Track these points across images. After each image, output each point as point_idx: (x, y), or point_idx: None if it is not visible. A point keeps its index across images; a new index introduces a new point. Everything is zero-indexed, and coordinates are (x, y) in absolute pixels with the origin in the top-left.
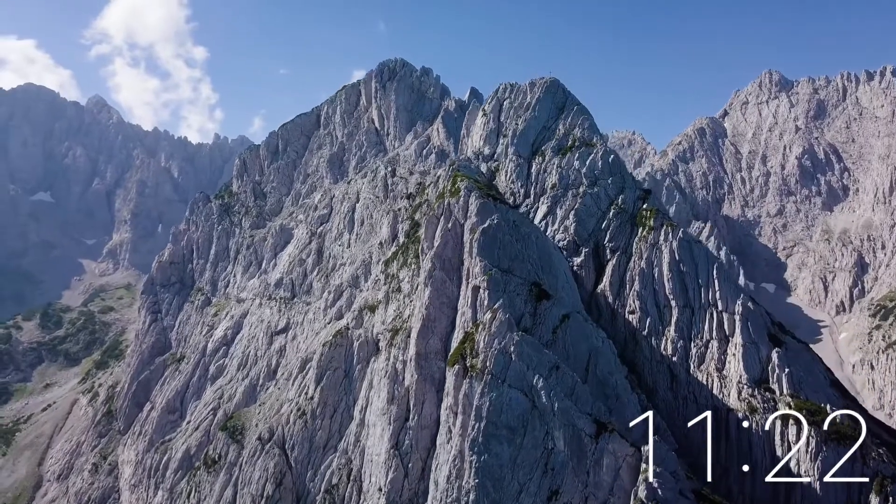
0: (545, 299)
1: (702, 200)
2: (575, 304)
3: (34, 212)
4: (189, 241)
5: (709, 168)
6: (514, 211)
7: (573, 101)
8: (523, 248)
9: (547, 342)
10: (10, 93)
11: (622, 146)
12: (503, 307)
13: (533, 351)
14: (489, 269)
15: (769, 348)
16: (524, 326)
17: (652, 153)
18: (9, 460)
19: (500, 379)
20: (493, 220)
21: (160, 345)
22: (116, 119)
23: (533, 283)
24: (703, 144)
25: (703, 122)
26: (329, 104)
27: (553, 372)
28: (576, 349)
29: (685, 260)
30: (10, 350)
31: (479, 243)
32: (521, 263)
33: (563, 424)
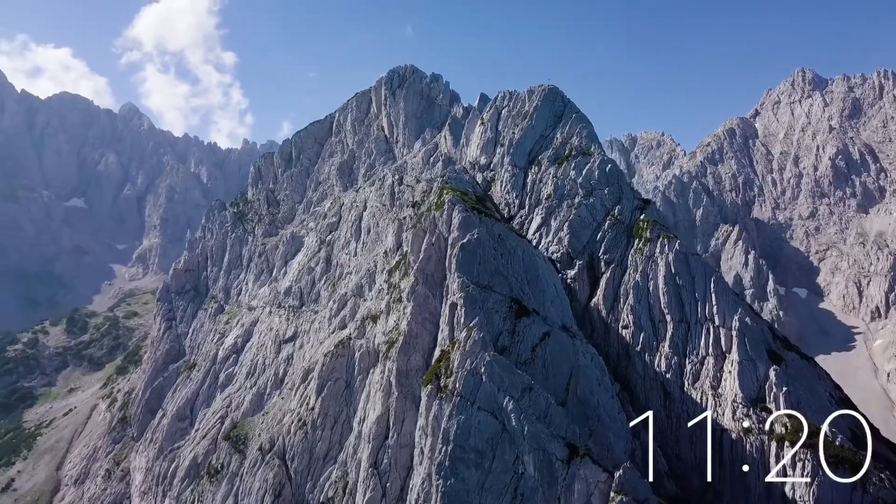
0: (525, 316)
1: (730, 203)
2: (565, 318)
3: (67, 217)
4: (204, 248)
5: (738, 170)
6: (501, 224)
7: (572, 109)
8: (508, 262)
9: (525, 361)
10: (47, 101)
11: (651, 147)
12: (478, 325)
13: (504, 372)
14: (466, 285)
15: (767, 366)
16: (502, 345)
17: (681, 154)
18: (29, 464)
19: (470, 401)
20: (474, 235)
21: (174, 352)
22: (148, 126)
23: (513, 299)
24: (733, 145)
25: (734, 123)
26: (341, 111)
27: (525, 393)
28: (555, 368)
29: (681, 273)
30: (36, 355)
31: (457, 259)
32: (501, 279)
33: (532, 448)
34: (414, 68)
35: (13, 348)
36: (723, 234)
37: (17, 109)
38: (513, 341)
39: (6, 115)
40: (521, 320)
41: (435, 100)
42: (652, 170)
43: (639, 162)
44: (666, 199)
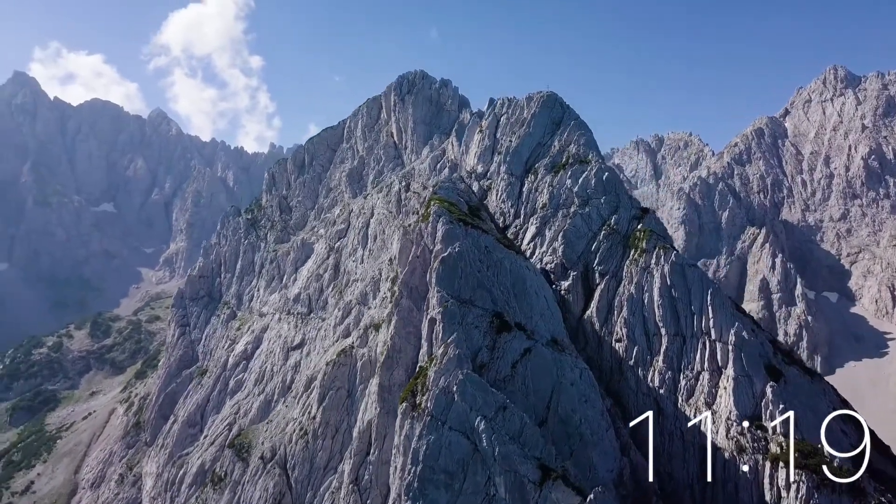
0: (506, 331)
1: (758, 205)
2: (556, 331)
3: (97, 222)
4: (218, 255)
5: (766, 170)
6: (488, 236)
7: (571, 115)
8: (494, 275)
9: (504, 378)
10: (78, 108)
11: (678, 148)
12: (456, 342)
13: (477, 390)
14: (445, 300)
15: (764, 382)
16: (481, 361)
17: (709, 155)
18: (48, 467)
19: (441, 420)
20: (455, 248)
21: (187, 358)
22: (176, 131)
23: (495, 314)
24: (761, 146)
25: (762, 122)
26: (352, 118)
27: (499, 413)
28: (536, 385)
29: (677, 285)
30: (60, 358)
31: (437, 273)
32: (484, 293)
33: (504, 470)
34: (424, 74)
35: (38, 352)
36: (749, 236)
37: (49, 117)
38: (492, 357)
39: (39, 123)
40: (502, 336)
41: (444, 105)
42: (679, 171)
43: (665, 163)
44: (691, 201)
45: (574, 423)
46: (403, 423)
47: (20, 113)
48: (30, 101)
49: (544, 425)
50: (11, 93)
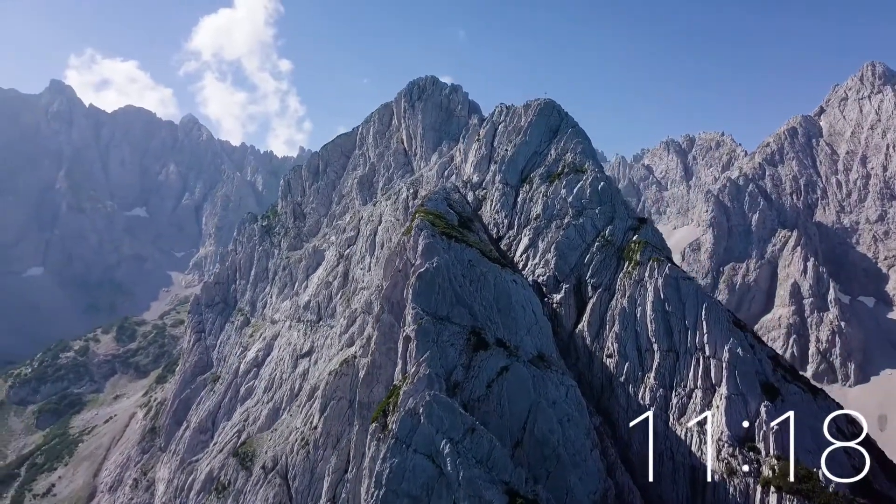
0: (483, 349)
1: (790, 207)
2: (544, 347)
3: (129, 226)
4: (233, 261)
5: (800, 171)
6: (472, 249)
7: (568, 123)
8: (477, 289)
9: (479, 398)
10: (113, 115)
11: (709, 148)
12: (428, 360)
13: (445, 412)
14: (420, 317)
15: (759, 401)
16: (455, 380)
17: (741, 155)
18: (69, 470)
19: (405, 443)
20: (433, 262)
21: (202, 364)
22: (206, 136)
23: (472, 331)
24: (794, 145)
25: (796, 122)
26: (364, 124)
27: (467, 435)
28: (513, 405)
29: (671, 298)
30: (86, 362)
31: (413, 288)
32: (462, 309)
33: (468, 495)
34: (434, 79)
35: (65, 355)
36: (780, 239)
37: (84, 124)
38: (467, 377)
39: (74, 130)
40: (479, 354)
41: (454, 111)
42: (710, 171)
43: (697, 164)
44: (719, 203)
45: (551, 444)
46: (371, 443)
47: (56, 120)
48: (65, 108)
49: (520, 447)
50: (48, 101)
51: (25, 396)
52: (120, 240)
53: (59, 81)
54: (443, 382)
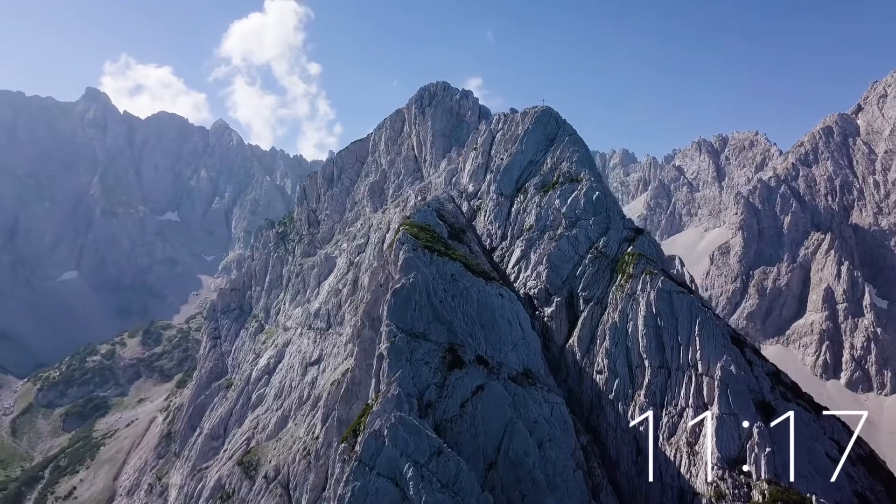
0: (458, 367)
1: (824, 208)
2: (531, 363)
3: (161, 230)
4: (249, 268)
5: (835, 171)
6: (456, 263)
7: (566, 131)
8: (460, 304)
9: (452, 418)
10: (146, 121)
11: (742, 148)
12: (399, 380)
13: (410, 434)
14: (394, 334)
15: (752, 421)
16: (428, 400)
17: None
18: (90, 473)
19: (369, 466)
20: (410, 278)
21: (217, 370)
22: (237, 141)
23: (448, 349)
24: (830, 145)
25: (831, 120)
26: (376, 130)
27: (433, 458)
28: (487, 425)
29: (663, 313)
30: (111, 366)
31: (388, 305)
32: (440, 326)
33: None
34: (445, 85)
35: (92, 359)
36: (813, 242)
37: (118, 130)
38: (440, 396)
39: (109, 136)
40: (454, 372)
41: (464, 117)
42: (743, 172)
43: (729, 164)
44: (749, 205)
45: (526, 466)
46: (337, 464)
47: (91, 127)
48: (100, 115)
49: (493, 469)
50: (84, 108)
51: (53, 399)
52: (152, 244)
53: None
54: (414, 402)
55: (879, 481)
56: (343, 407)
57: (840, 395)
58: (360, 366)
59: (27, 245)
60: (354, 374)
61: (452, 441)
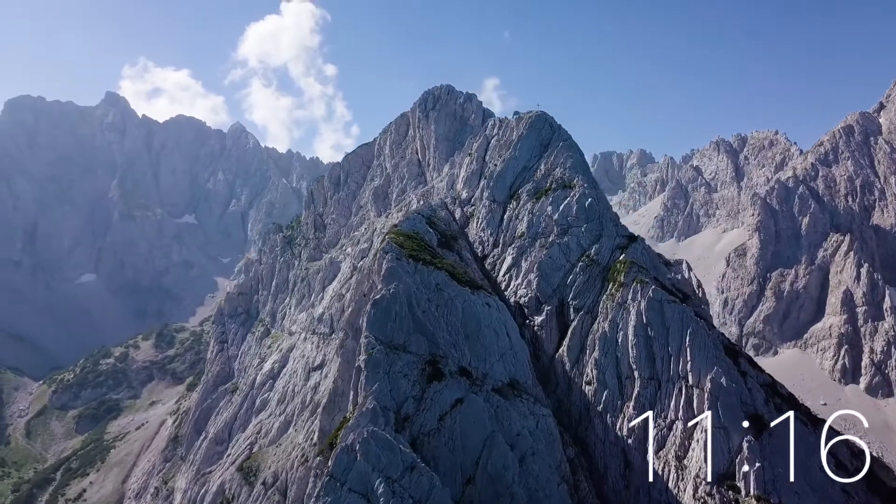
0: (437, 380)
1: (843, 209)
2: (519, 373)
3: (178, 233)
4: (256, 272)
5: (856, 171)
6: (441, 273)
7: (560, 136)
8: (444, 314)
9: (429, 432)
10: (164, 125)
11: (762, 148)
12: (376, 393)
13: (382, 449)
14: (372, 346)
15: (742, 435)
16: (405, 414)
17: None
18: (100, 475)
19: (340, 481)
20: (390, 289)
21: (224, 374)
22: (253, 143)
23: (428, 361)
24: (850, 144)
25: (852, 119)
26: (382, 134)
27: (406, 474)
28: (466, 439)
29: (654, 323)
30: (124, 368)
31: (368, 316)
32: (420, 337)
33: None
34: (450, 88)
35: (105, 362)
36: (832, 244)
37: (137, 134)
38: (418, 409)
39: (127, 140)
40: (433, 385)
41: (468, 121)
42: (762, 172)
43: (749, 164)
44: (766, 206)
45: (505, 481)
46: (310, 478)
47: (111, 131)
48: (119, 119)
49: (471, 484)
50: (103, 112)
51: (67, 402)
52: (169, 246)
53: (113, 93)
54: (391, 416)
55: (879, 498)
56: (326, 418)
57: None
58: (342, 376)
59: (46, 248)
60: (337, 385)
61: (430, 455)
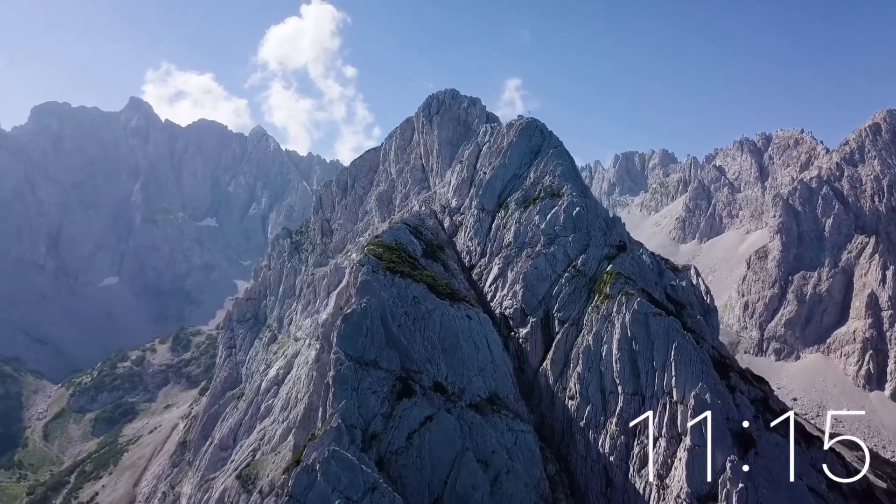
0: (407, 396)
1: (869, 210)
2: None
3: (199, 236)
4: (265, 277)
5: (882, 170)
6: (419, 285)
7: (550, 143)
8: (420, 328)
9: (398, 450)
10: (186, 129)
11: (787, 147)
12: (342, 410)
13: (343, 469)
14: (341, 362)
15: (726, 454)
16: (373, 432)
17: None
18: (113, 479)
19: (300, 501)
20: (361, 303)
21: (231, 379)
22: (274, 147)
23: (399, 377)
24: (877, 143)
25: (880, 117)
26: (387, 140)
27: (367, 495)
28: (434, 458)
29: (638, 336)
30: (141, 372)
31: (338, 331)
32: (392, 353)
33: None
34: (454, 93)
35: (122, 365)
36: (857, 246)
37: (160, 138)
38: (387, 427)
39: (150, 144)
40: (402, 402)
41: (471, 125)
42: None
43: (773, 163)
44: (788, 207)
45: (475, 500)
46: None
47: (134, 136)
48: (143, 124)
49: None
50: (127, 117)
51: (84, 404)
52: (190, 249)
53: (137, 98)
54: (357, 434)
55: None
56: (301, 434)
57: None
58: (317, 391)
59: (70, 252)
60: (312, 400)
61: (397, 475)
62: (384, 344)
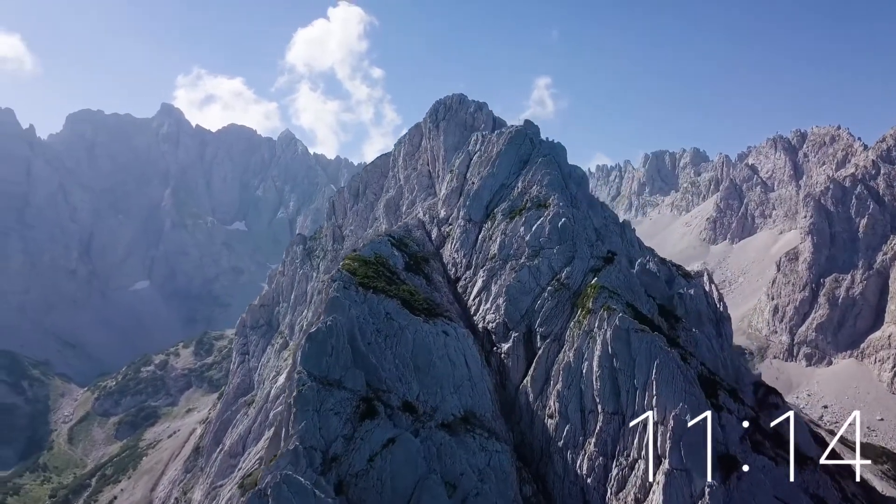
0: (370, 418)
1: None
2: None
3: (228, 240)
4: (278, 283)
5: None
6: (392, 301)
7: (540, 152)
8: (391, 346)
9: (358, 473)
10: (216, 134)
11: (822, 144)
12: (301, 432)
13: (295, 494)
14: (303, 382)
15: (706, 478)
16: (333, 454)
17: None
18: (131, 483)
19: None
20: (328, 321)
21: (244, 386)
22: (302, 150)
23: (364, 397)
24: None
25: None
26: (397, 145)
27: None
28: (396, 482)
29: (620, 353)
30: (164, 376)
31: (303, 350)
32: (357, 372)
33: None
34: (461, 97)
35: (146, 369)
36: (892, 247)
37: (190, 143)
38: (347, 449)
39: (181, 150)
40: (364, 423)
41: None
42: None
43: (808, 161)
44: (820, 207)
45: None
46: None
47: (165, 142)
48: (174, 130)
49: None
50: (159, 123)
51: (109, 408)
52: (219, 253)
53: (168, 105)
54: (317, 457)
55: None
56: (270, 454)
57: None
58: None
59: (101, 257)
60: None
61: (356, 498)
62: (350, 363)
